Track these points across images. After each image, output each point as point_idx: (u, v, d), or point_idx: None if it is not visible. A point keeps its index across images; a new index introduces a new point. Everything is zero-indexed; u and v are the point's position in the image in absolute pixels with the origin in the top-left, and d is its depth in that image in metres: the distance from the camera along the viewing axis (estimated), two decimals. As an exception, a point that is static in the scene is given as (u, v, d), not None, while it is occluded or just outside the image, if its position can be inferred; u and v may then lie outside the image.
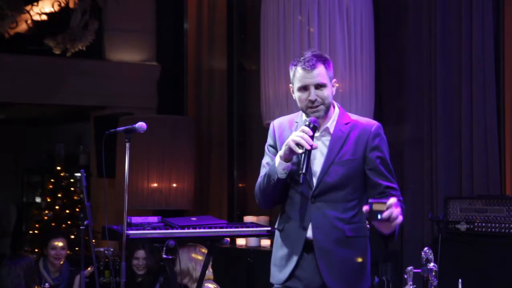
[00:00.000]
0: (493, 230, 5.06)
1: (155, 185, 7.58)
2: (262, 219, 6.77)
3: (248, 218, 6.78)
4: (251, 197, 8.35)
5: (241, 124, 8.37)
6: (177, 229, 4.15)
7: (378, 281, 5.30)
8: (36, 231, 10.37)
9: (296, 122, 3.51)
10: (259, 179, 3.52)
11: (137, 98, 8.95)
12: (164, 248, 4.09)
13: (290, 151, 3.30)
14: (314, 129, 3.35)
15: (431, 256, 4.11)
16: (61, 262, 6.24)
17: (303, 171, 3.25)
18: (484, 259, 5.01)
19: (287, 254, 3.46)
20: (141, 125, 3.98)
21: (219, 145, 8.48)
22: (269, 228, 4.37)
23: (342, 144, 3.42)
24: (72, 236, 9.71)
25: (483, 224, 5.13)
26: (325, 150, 3.44)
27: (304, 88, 3.40)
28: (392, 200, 3.10)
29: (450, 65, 6.01)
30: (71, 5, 8.68)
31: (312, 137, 3.30)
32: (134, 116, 7.81)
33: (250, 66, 8.30)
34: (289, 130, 3.49)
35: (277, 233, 3.56)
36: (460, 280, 4.34)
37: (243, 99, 8.32)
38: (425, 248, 4.16)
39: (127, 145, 3.95)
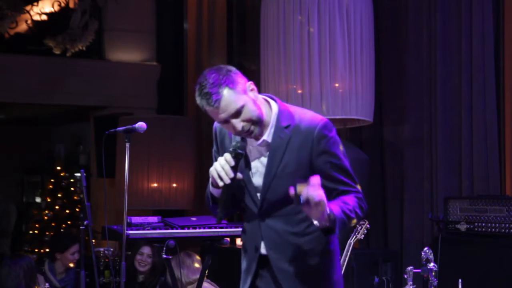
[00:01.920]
0: (493, 230, 5.06)
1: (155, 185, 7.57)
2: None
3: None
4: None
5: (241, 124, 8.35)
6: (177, 229, 4.16)
7: (378, 281, 5.30)
8: (36, 231, 10.37)
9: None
10: (207, 188, 3.24)
11: (137, 98, 8.95)
12: (164, 248, 4.10)
13: (214, 180, 3.03)
14: (237, 156, 2.98)
15: (431, 256, 4.12)
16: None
17: (221, 210, 3.01)
18: (484, 259, 5.01)
19: (246, 269, 3.20)
20: (141, 125, 3.98)
21: (219, 145, 8.47)
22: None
23: (282, 154, 3.01)
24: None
25: (483, 224, 5.13)
26: (265, 162, 3.05)
27: (223, 122, 2.98)
28: (314, 179, 2.73)
29: (450, 65, 6.01)
30: (71, 5, 8.69)
31: (235, 166, 2.97)
32: (134, 116, 7.81)
33: (250, 66, 8.29)
34: (228, 138, 3.16)
35: None
36: (460, 280, 4.34)
37: (243, 99, 8.30)
38: (425, 248, 4.17)
39: (127, 145, 3.94)
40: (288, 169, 3.01)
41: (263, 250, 3.11)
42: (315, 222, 2.86)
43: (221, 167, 2.99)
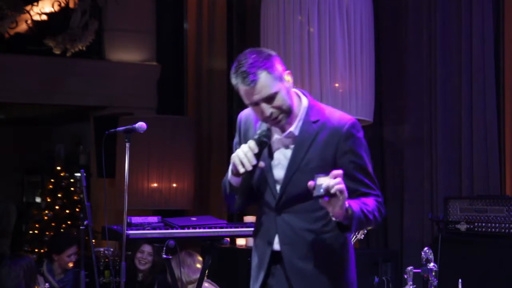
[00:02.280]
0: (493, 230, 5.06)
1: (155, 185, 7.57)
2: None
3: (248, 218, 6.77)
4: (251, 197, 8.35)
5: (241, 124, 8.35)
6: (177, 229, 4.16)
7: (378, 281, 5.30)
8: (36, 231, 10.37)
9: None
10: (223, 179, 3.17)
11: (137, 98, 8.95)
12: (164, 248, 4.10)
13: (235, 167, 2.94)
14: (263, 144, 2.95)
15: (431, 256, 4.12)
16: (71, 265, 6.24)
17: (240, 195, 2.97)
18: (484, 259, 5.01)
19: (257, 265, 3.13)
20: (141, 125, 3.98)
21: (219, 145, 8.48)
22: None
23: (308, 148, 2.98)
24: (72, 236, 9.72)
25: (483, 224, 5.13)
26: (289, 155, 3.01)
27: (255, 104, 2.96)
28: (337, 172, 2.72)
29: (450, 65, 6.01)
30: (71, 5, 8.68)
31: (258, 154, 2.92)
32: (134, 116, 7.81)
33: (250, 66, 8.28)
34: (253, 129, 3.11)
35: None
36: (460, 280, 4.34)
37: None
38: (425, 248, 4.17)
39: (127, 145, 3.95)
40: (311, 164, 2.97)
41: (276, 246, 3.05)
42: (333, 217, 2.82)
43: (244, 154, 2.91)
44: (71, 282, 6.19)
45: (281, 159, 3.04)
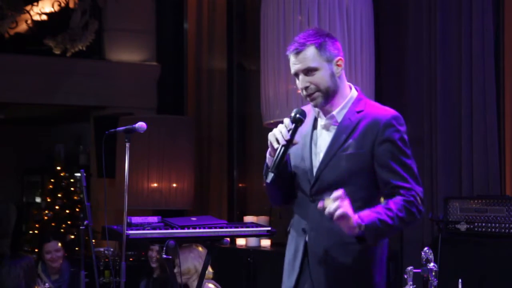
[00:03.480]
0: (493, 230, 5.06)
1: (155, 185, 7.58)
2: (262, 219, 6.77)
3: (248, 218, 6.78)
4: (251, 197, 8.36)
5: (241, 124, 8.37)
6: (177, 229, 4.15)
7: (378, 281, 5.29)
8: (36, 231, 10.38)
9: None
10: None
11: (137, 98, 8.96)
12: (164, 248, 4.09)
13: (271, 147, 2.98)
14: (297, 121, 2.98)
15: (431, 256, 4.11)
16: (59, 264, 6.19)
17: (272, 169, 2.92)
18: (484, 259, 5.01)
19: (292, 258, 3.14)
20: (141, 125, 3.98)
21: (219, 145, 8.48)
22: (269, 228, 4.37)
23: (348, 135, 3.00)
24: (72, 236, 9.72)
25: (483, 224, 5.12)
26: (329, 141, 3.05)
27: (296, 76, 3.07)
28: (336, 193, 2.78)
29: (450, 65, 6.01)
30: (71, 5, 8.69)
31: (293, 130, 2.96)
32: (134, 116, 7.82)
33: (250, 66, 8.30)
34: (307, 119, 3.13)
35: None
36: (460, 280, 4.33)
37: (243, 99, 8.32)
38: (425, 248, 4.16)
39: (127, 145, 3.94)
40: (348, 151, 2.99)
41: (307, 239, 3.05)
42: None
43: (279, 131, 2.96)
44: (67, 282, 6.18)
45: (322, 145, 3.07)
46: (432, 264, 4.10)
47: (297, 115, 3.00)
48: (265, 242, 6.69)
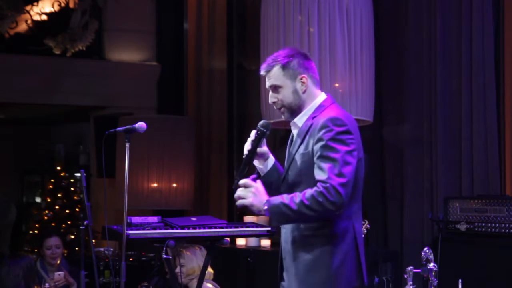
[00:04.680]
0: (493, 230, 5.06)
1: (155, 185, 7.57)
2: (262, 219, 6.76)
3: (248, 218, 6.78)
4: (251, 197, 8.35)
5: (241, 124, 8.37)
6: (177, 229, 4.15)
7: (378, 281, 5.30)
8: (36, 231, 10.37)
9: None
10: None
11: (137, 98, 8.96)
12: (164, 248, 4.09)
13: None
14: (260, 133, 3.40)
15: (431, 256, 4.12)
16: (58, 261, 6.20)
17: (236, 175, 3.33)
18: (484, 259, 5.01)
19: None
20: (141, 125, 3.98)
21: (219, 145, 8.48)
22: (269, 228, 4.37)
23: (302, 139, 3.33)
24: (72, 236, 9.72)
25: (483, 224, 5.13)
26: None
27: (269, 89, 3.45)
28: (243, 181, 3.28)
29: (450, 65, 6.01)
30: (71, 5, 8.69)
31: (256, 141, 3.38)
32: (134, 116, 7.81)
33: (250, 66, 8.29)
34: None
35: None
36: (460, 280, 4.34)
37: (243, 99, 8.32)
38: (425, 248, 4.17)
39: (127, 145, 3.94)
40: (300, 152, 3.30)
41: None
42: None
43: (248, 141, 3.39)
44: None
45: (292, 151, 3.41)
46: (432, 264, 4.11)
47: (260, 128, 3.41)
48: (265, 242, 6.69)
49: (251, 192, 3.24)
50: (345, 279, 3.24)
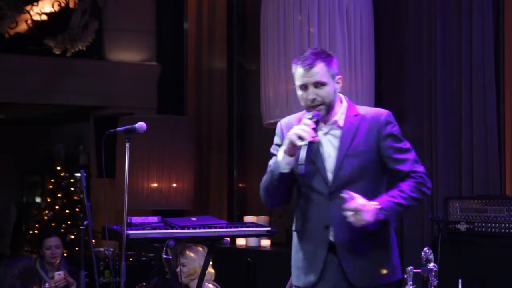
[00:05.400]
0: (493, 230, 5.06)
1: (155, 185, 7.58)
2: (262, 219, 6.77)
3: (248, 218, 6.78)
4: (251, 197, 8.36)
5: (241, 124, 8.37)
6: (177, 229, 4.16)
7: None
8: (36, 231, 10.38)
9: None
10: (264, 177, 3.47)
11: (137, 98, 8.96)
12: (164, 248, 4.10)
13: (292, 145, 3.26)
14: (317, 123, 3.32)
15: (431, 256, 4.12)
16: (57, 261, 6.21)
17: (303, 162, 3.21)
18: (484, 259, 5.01)
19: (311, 255, 3.41)
20: (141, 125, 3.99)
21: (219, 145, 8.48)
22: (269, 228, 4.37)
23: (353, 136, 3.38)
24: (72, 236, 9.73)
25: (483, 224, 5.12)
26: (336, 144, 3.41)
27: (303, 87, 3.38)
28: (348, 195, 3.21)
29: (450, 65, 6.01)
30: (71, 5, 8.69)
31: (315, 129, 3.28)
32: (134, 116, 7.81)
33: (250, 66, 8.30)
34: None
35: (294, 234, 3.50)
36: (460, 280, 4.34)
37: (243, 99, 8.32)
38: (425, 248, 4.16)
39: (127, 145, 3.95)
40: (358, 149, 3.36)
41: (331, 231, 3.35)
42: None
43: (301, 129, 3.25)
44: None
45: (330, 149, 3.41)
46: (432, 264, 4.10)
47: (317, 117, 3.34)
48: (265, 242, 6.69)
49: (360, 212, 3.22)
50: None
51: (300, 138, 3.23)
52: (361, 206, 3.21)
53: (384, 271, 3.39)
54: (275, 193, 3.44)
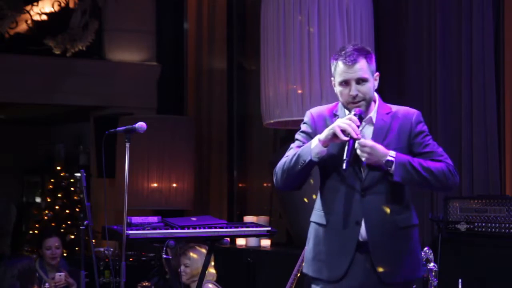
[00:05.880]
0: (493, 230, 5.06)
1: (155, 185, 7.58)
2: (262, 219, 6.77)
3: (248, 218, 6.78)
4: (251, 197, 8.36)
5: (241, 124, 8.37)
6: (177, 229, 4.16)
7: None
8: (36, 231, 10.38)
9: (336, 115, 3.43)
10: (284, 159, 3.39)
11: (137, 98, 8.96)
12: (164, 248, 4.09)
13: (333, 136, 3.25)
14: (361, 120, 3.32)
15: (431, 256, 4.12)
16: (57, 262, 6.21)
17: (348, 158, 3.20)
18: (484, 259, 5.01)
19: (338, 250, 3.35)
20: (141, 125, 3.99)
21: (219, 145, 8.48)
22: (269, 228, 4.37)
23: (385, 134, 3.39)
24: (72, 236, 9.72)
25: (483, 224, 5.12)
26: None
27: (345, 83, 3.36)
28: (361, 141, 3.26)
29: (450, 65, 6.01)
30: (71, 5, 8.69)
31: (358, 127, 3.28)
32: (134, 116, 7.82)
33: (250, 66, 8.30)
34: (330, 120, 3.42)
35: (315, 226, 3.43)
36: (460, 280, 4.34)
37: (243, 99, 8.32)
38: (425, 248, 4.17)
39: (127, 145, 3.95)
40: (390, 147, 3.34)
41: (362, 227, 3.33)
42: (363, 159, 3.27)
43: (348, 125, 3.25)
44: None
45: None
46: (432, 264, 4.11)
47: (362, 115, 3.34)
48: (265, 242, 6.69)
49: (372, 149, 3.27)
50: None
51: (345, 132, 3.23)
52: (374, 145, 3.27)
53: (411, 267, 3.40)
54: (294, 178, 3.37)
